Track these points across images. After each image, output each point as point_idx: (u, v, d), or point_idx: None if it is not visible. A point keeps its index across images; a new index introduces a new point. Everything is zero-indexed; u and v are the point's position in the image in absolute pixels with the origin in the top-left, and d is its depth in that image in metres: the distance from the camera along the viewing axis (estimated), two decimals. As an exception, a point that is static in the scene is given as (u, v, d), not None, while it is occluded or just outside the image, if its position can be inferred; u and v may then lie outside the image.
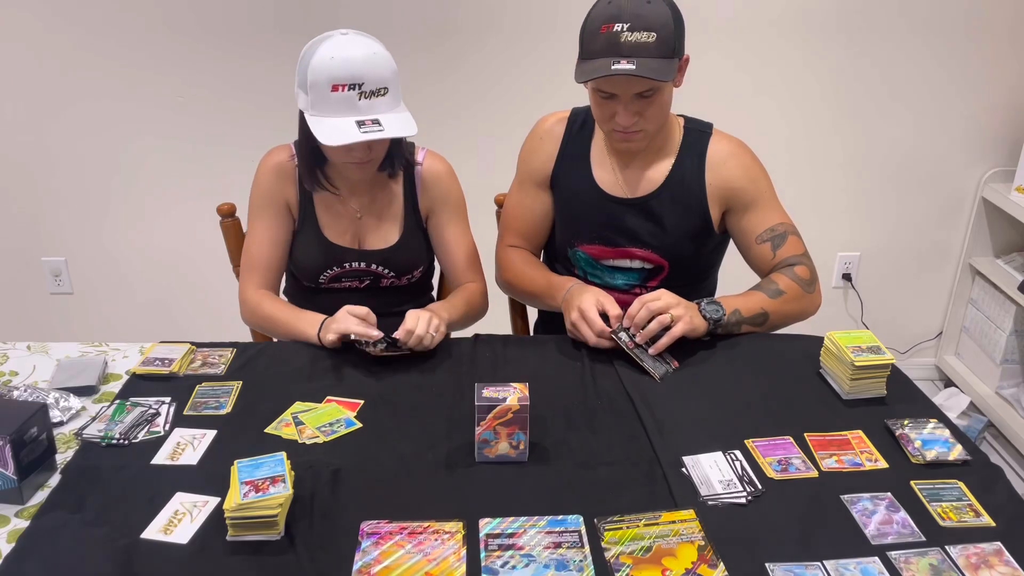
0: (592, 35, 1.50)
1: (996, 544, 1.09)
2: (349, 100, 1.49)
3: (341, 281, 1.78)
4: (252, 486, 1.11)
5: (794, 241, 1.69)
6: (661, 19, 1.47)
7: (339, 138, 1.49)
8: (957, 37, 2.61)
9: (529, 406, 1.24)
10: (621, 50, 1.46)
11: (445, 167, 1.78)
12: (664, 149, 1.69)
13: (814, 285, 1.67)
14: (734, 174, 1.67)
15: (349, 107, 1.50)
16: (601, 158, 1.72)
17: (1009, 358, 2.75)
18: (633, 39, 1.45)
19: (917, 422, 1.34)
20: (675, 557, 1.07)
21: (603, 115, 1.59)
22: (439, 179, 1.77)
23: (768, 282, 1.65)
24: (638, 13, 1.46)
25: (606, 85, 1.52)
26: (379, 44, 1.55)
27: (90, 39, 2.52)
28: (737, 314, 1.58)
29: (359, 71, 1.49)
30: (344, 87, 1.48)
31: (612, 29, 1.46)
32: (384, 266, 1.77)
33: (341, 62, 1.48)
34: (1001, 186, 2.73)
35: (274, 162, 1.72)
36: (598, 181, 1.72)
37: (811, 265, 1.68)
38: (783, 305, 1.62)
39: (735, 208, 1.69)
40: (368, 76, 1.49)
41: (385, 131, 1.50)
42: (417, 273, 1.82)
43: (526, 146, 1.80)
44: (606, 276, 1.77)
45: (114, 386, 1.48)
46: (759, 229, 1.68)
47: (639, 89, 1.51)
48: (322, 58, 1.49)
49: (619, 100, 1.53)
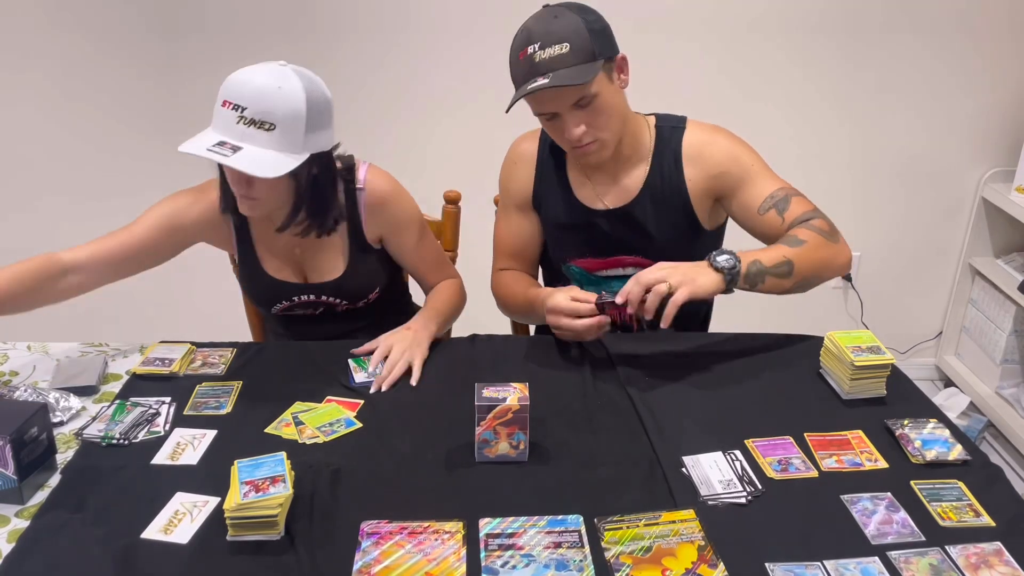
0: (514, 65, 1.51)
1: (996, 544, 1.09)
2: (228, 119, 1.41)
3: (294, 311, 1.73)
4: (252, 486, 1.11)
5: (800, 200, 1.61)
6: (570, 28, 1.47)
7: (189, 146, 1.41)
8: (957, 37, 2.61)
9: (529, 406, 1.24)
10: (538, 69, 1.46)
11: (388, 186, 1.65)
12: (636, 154, 1.67)
13: (837, 236, 1.58)
14: (713, 161, 1.64)
15: (225, 126, 1.41)
16: (578, 173, 1.71)
17: (1009, 358, 2.75)
18: (547, 55, 1.46)
19: (917, 422, 1.34)
20: (675, 557, 1.07)
21: (557, 135, 1.58)
22: (384, 205, 1.64)
23: (786, 237, 1.55)
24: (547, 30, 1.47)
25: (536, 106, 1.53)
26: (307, 85, 1.43)
27: (90, 39, 2.52)
28: (757, 264, 1.45)
29: (248, 96, 1.40)
30: (229, 105, 1.40)
31: (528, 52, 1.47)
32: (335, 296, 1.69)
33: (237, 82, 1.41)
34: (1001, 186, 2.73)
35: (204, 197, 1.65)
36: (578, 196, 1.70)
37: (827, 218, 1.59)
38: (808, 252, 1.50)
39: (726, 193, 1.65)
40: (255, 105, 1.39)
41: (230, 159, 1.38)
42: (373, 296, 1.73)
43: (503, 172, 1.80)
44: (602, 286, 1.77)
45: (114, 386, 1.48)
46: (758, 200, 1.61)
47: (571, 100, 1.49)
48: (233, 73, 1.43)
49: (560, 117, 1.53)
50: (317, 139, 1.46)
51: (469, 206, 2.01)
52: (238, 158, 1.38)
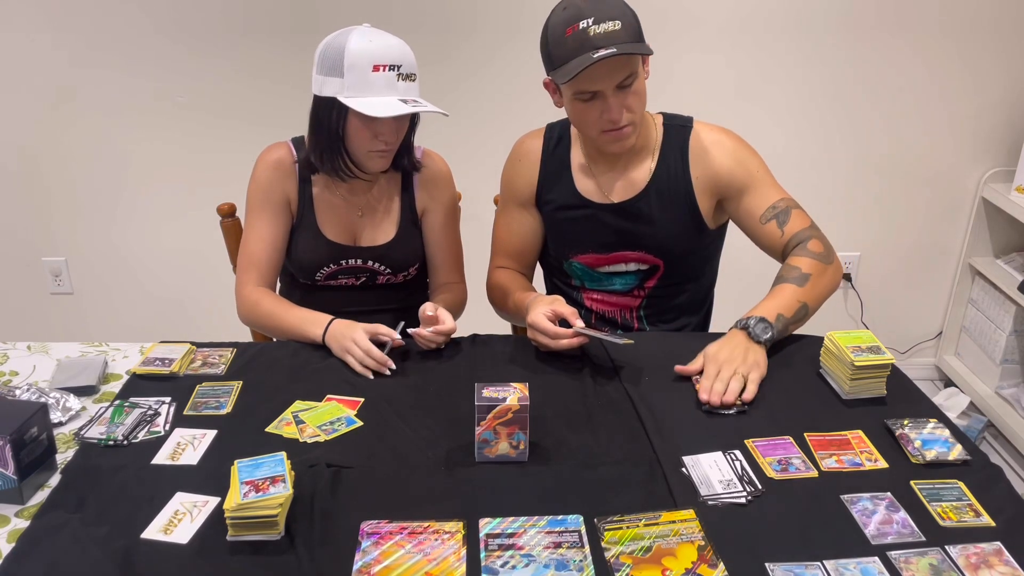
0: (559, 42, 1.50)
1: (996, 544, 1.09)
2: (389, 80, 1.55)
3: (338, 278, 1.79)
4: (252, 486, 1.11)
5: (799, 215, 1.66)
6: (619, 8, 1.49)
7: (386, 110, 1.53)
8: (957, 37, 2.61)
9: (529, 406, 1.24)
10: (593, 43, 1.46)
11: (443, 166, 1.82)
12: (645, 149, 1.68)
13: (831, 255, 1.64)
14: (719, 162, 1.66)
15: (390, 87, 1.55)
16: (582, 168, 1.72)
17: (1009, 358, 2.75)
18: (602, 30, 1.46)
19: (917, 422, 1.34)
20: (675, 557, 1.07)
21: (589, 118, 1.57)
22: (437, 177, 1.80)
23: (789, 270, 1.60)
24: (598, 8, 1.47)
25: (587, 83, 1.50)
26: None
27: (91, 39, 2.52)
28: (782, 319, 1.53)
29: (398, 55, 1.56)
30: (385, 67, 1.54)
31: (578, 28, 1.47)
32: (380, 262, 1.78)
33: (381, 46, 1.55)
34: (1001, 186, 2.73)
35: (273, 158, 1.72)
36: (582, 191, 1.71)
37: (821, 235, 1.65)
38: (815, 288, 1.58)
39: (730, 195, 1.67)
40: (405, 60, 1.57)
41: (428, 108, 1.55)
42: (413, 270, 1.83)
43: (507, 169, 1.80)
44: (604, 282, 1.77)
45: (114, 386, 1.48)
46: (760, 209, 1.66)
47: (621, 77, 1.50)
48: (360, 42, 1.54)
49: (602, 97, 1.52)
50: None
51: (469, 206, 2.01)
52: (430, 107, 1.56)
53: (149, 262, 2.82)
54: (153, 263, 2.82)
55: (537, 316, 1.52)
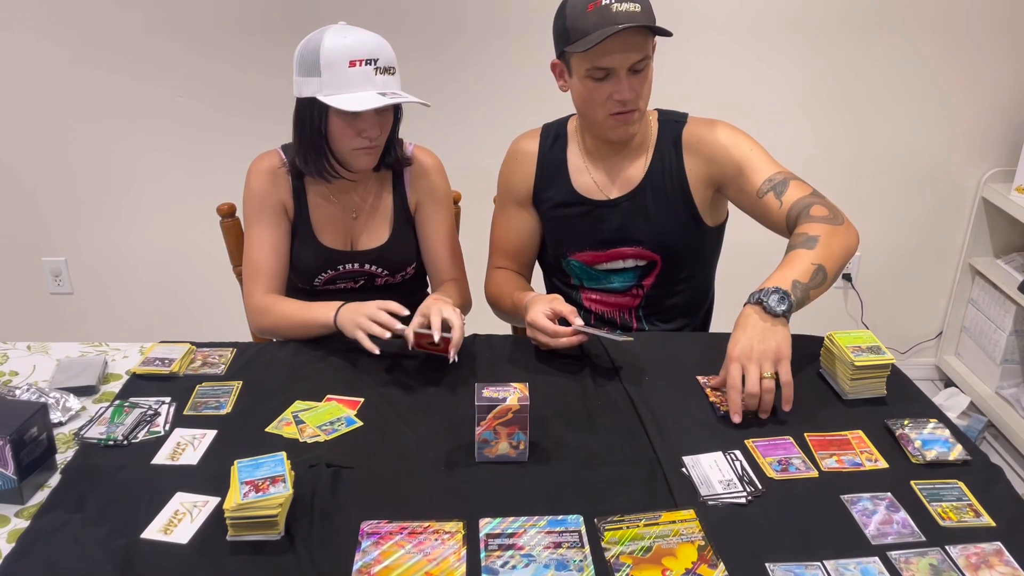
0: (580, 16, 1.51)
1: (996, 544, 1.09)
2: (366, 74, 1.54)
3: (336, 283, 1.78)
4: (252, 486, 1.11)
5: (797, 184, 1.62)
6: None
7: (362, 104, 1.52)
8: (957, 37, 2.61)
9: (529, 406, 1.24)
10: (616, 19, 1.48)
11: (434, 160, 1.80)
12: (641, 145, 1.70)
13: (840, 216, 1.56)
14: (711, 149, 1.66)
15: (367, 81, 1.54)
16: (578, 166, 1.73)
17: (1009, 358, 2.75)
18: (623, 8, 1.49)
19: (917, 422, 1.34)
20: (675, 557, 1.07)
21: (598, 98, 1.57)
22: (428, 172, 1.79)
23: (796, 237, 1.52)
24: None
25: (605, 58, 1.51)
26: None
27: (91, 39, 2.52)
28: (799, 286, 1.42)
29: (374, 48, 1.55)
30: (361, 62, 1.53)
31: (601, 4, 1.49)
32: (377, 265, 1.77)
33: (356, 41, 1.54)
34: (1001, 186, 2.73)
35: (265, 166, 1.71)
36: (578, 188, 1.72)
37: (825, 200, 1.59)
38: (828, 248, 1.48)
39: (726, 180, 1.66)
40: (382, 54, 1.56)
41: (407, 99, 1.55)
42: (411, 270, 1.82)
43: (504, 169, 1.81)
44: (602, 280, 1.77)
45: (114, 386, 1.48)
46: (757, 183, 1.62)
47: (636, 58, 1.52)
48: (334, 39, 1.54)
49: (615, 77, 1.54)
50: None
51: (469, 207, 2.01)
52: (409, 97, 1.56)
53: (149, 262, 2.82)
54: (153, 263, 2.82)
55: (536, 315, 1.52)
